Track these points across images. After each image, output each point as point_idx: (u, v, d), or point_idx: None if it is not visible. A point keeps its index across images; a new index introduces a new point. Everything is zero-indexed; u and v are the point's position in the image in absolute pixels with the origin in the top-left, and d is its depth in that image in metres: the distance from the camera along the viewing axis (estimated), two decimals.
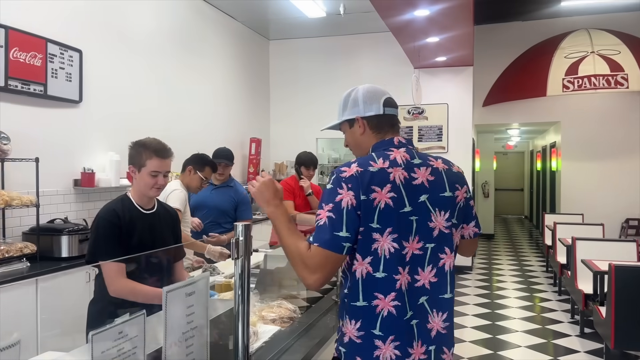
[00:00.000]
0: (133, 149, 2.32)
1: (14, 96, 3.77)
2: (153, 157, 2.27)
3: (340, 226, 1.45)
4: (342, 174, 1.51)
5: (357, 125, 1.68)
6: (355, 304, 1.50)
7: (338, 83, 8.05)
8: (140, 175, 2.28)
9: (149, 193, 2.32)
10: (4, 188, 3.57)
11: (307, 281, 1.48)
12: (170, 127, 5.58)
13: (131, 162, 2.32)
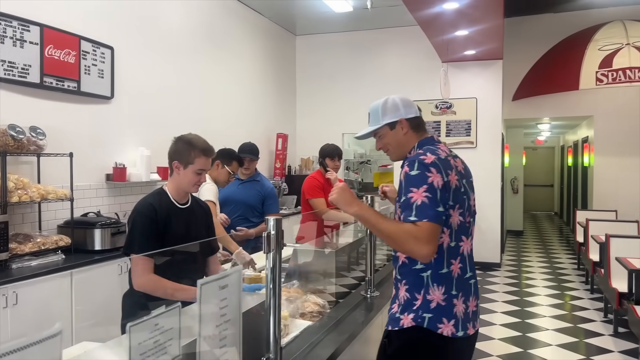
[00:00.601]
0: (178, 144, 2.34)
1: (49, 92, 3.87)
2: (201, 156, 2.30)
3: (437, 203, 1.70)
4: (425, 160, 1.75)
5: (400, 127, 1.92)
6: (442, 272, 1.78)
7: (364, 78, 8.02)
8: (185, 172, 2.32)
9: (191, 189, 2.37)
10: (40, 182, 3.67)
11: (421, 252, 1.69)
12: (198, 122, 5.64)
13: (176, 157, 2.34)
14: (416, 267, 1.79)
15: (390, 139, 1.95)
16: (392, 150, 1.98)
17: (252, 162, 4.08)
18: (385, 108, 1.93)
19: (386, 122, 1.92)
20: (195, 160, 2.29)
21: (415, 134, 1.95)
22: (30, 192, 3.36)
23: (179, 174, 2.32)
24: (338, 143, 8.21)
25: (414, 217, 1.68)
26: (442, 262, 1.77)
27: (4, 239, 3.11)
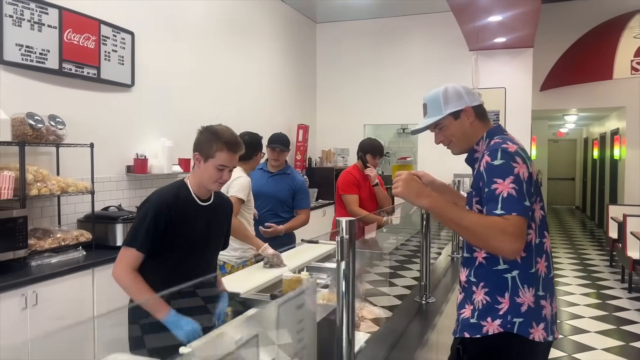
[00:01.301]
0: (203, 135, 2.13)
1: (68, 80, 3.66)
2: (224, 149, 2.08)
3: (524, 196, 1.54)
4: (509, 149, 1.59)
5: (465, 116, 1.76)
6: (531, 271, 1.62)
7: (387, 67, 7.74)
8: (205, 166, 2.11)
9: (211, 187, 2.15)
10: (59, 174, 3.48)
11: (510, 248, 1.51)
12: (219, 111, 5.42)
13: (197, 149, 2.13)
14: (498, 268, 1.63)
15: (455, 129, 1.78)
16: (456, 142, 1.81)
17: (282, 154, 3.83)
18: (446, 96, 1.77)
19: (450, 111, 1.76)
20: (216, 154, 2.07)
21: (481, 123, 1.80)
22: (50, 185, 3.16)
23: (200, 167, 2.12)
24: (359, 134, 7.99)
25: (500, 210, 1.53)
26: (530, 260, 1.63)
27: (23, 234, 2.92)
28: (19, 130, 3.07)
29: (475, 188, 1.68)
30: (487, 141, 1.73)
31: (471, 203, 1.71)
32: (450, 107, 1.75)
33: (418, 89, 7.54)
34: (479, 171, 1.64)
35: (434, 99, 1.79)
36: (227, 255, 3.29)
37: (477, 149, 1.78)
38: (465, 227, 1.59)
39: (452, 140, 1.81)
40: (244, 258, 3.34)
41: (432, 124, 1.79)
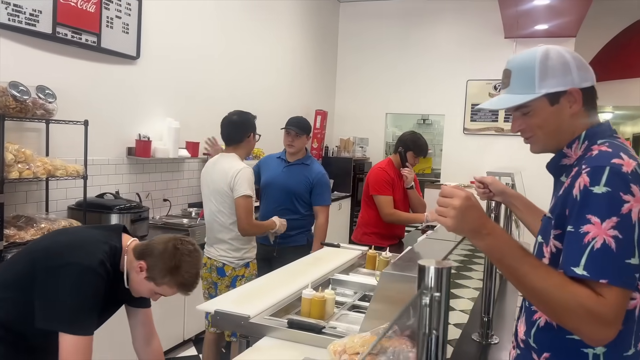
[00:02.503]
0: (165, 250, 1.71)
1: (63, 47, 3.20)
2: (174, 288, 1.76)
3: (632, 250, 1.02)
4: (623, 169, 1.06)
5: (567, 102, 1.21)
6: (626, 354, 1.11)
7: (413, 52, 7.20)
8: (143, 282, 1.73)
9: (137, 294, 1.83)
10: (48, 155, 3.04)
11: (600, 336, 1.03)
12: (231, 93, 4.96)
13: (149, 262, 1.71)
14: (574, 337, 1.11)
15: (547, 119, 1.22)
16: (541, 137, 1.26)
17: (298, 139, 3.35)
18: (546, 67, 1.19)
19: (546, 91, 1.19)
20: (162, 286, 1.71)
21: (587, 115, 1.24)
22: (33, 167, 2.72)
23: (138, 275, 1.71)
24: (380, 123, 7.51)
25: (582, 269, 1.02)
26: (628, 338, 1.10)
27: None
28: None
29: (557, 215, 1.15)
30: (585, 145, 1.21)
31: (547, 236, 1.18)
32: (548, 85, 1.19)
33: (445, 78, 7.04)
34: (568, 192, 1.12)
35: (525, 65, 1.22)
36: (227, 256, 2.88)
37: (567, 153, 1.25)
38: (530, 290, 1.07)
39: (536, 134, 1.26)
40: (247, 259, 2.94)
41: (515, 104, 1.24)
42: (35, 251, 1.66)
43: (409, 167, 3.52)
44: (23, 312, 1.58)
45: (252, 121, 3.03)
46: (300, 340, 1.75)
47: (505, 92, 1.26)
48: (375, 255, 2.76)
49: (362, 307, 2.18)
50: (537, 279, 1.04)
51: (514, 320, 2.09)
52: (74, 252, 1.60)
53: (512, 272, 1.08)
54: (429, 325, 0.70)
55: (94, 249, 1.64)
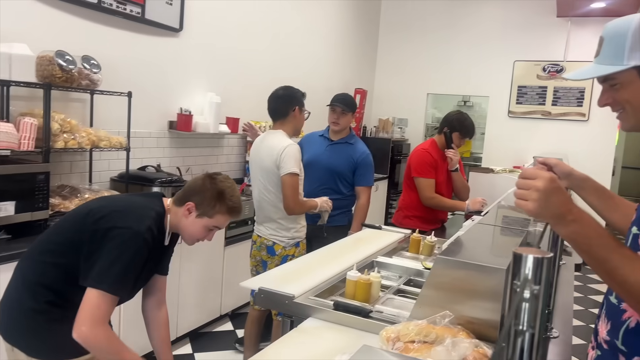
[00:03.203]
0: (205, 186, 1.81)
1: (108, 17, 3.18)
2: (225, 214, 1.81)
3: None
4: None
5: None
6: None
7: (458, 32, 6.94)
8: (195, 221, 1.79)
9: (187, 241, 1.88)
10: (92, 126, 3.04)
11: None
12: (272, 70, 4.88)
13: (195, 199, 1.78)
14: None
15: (636, 93, 1.10)
16: (630, 113, 1.14)
17: (344, 116, 3.25)
18: (638, 37, 1.07)
19: (637, 63, 1.07)
20: (215, 216, 1.79)
21: None
22: (78, 137, 2.72)
23: (187, 218, 1.79)
24: (421, 104, 7.31)
25: None
26: None
27: (44, 193, 2.50)
28: (45, 70, 2.62)
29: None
30: None
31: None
32: (639, 57, 1.07)
33: (490, 58, 6.77)
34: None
35: (617, 33, 1.11)
36: (277, 235, 2.82)
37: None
38: (622, 284, 0.96)
39: (625, 108, 1.14)
40: (297, 238, 2.86)
41: (602, 76, 1.13)
42: (83, 216, 1.66)
43: (454, 149, 3.37)
44: (72, 276, 1.61)
45: (298, 95, 2.93)
46: (347, 323, 1.68)
47: (594, 62, 1.14)
48: (419, 239, 2.66)
49: (408, 292, 2.10)
50: (631, 273, 0.93)
51: (571, 314, 1.98)
52: (123, 218, 1.63)
53: (601, 263, 0.97)
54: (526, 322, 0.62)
55: (142, 214, 1.68)
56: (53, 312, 1.62)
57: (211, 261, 3.57)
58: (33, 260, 1.67)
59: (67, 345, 1.58)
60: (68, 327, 1.55)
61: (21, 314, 1.63)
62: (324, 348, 1.51)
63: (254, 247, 2.94)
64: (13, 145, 2.38)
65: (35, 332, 1.61)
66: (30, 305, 1.61)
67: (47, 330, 1.62)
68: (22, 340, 1.62)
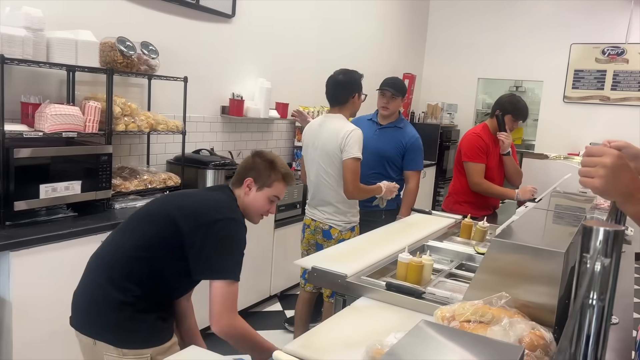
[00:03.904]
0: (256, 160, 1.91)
1: (165, 4, 3.28)
2: (281, 181, 1.90)
3: None
4: None
5: None
6: None
7: (509, 13, 6.72)
8: (257, 195, 1.88)
9: (254, 219, 1.94)
10: (150, 110, 3.16)
11: None
12: (321, 54, 4.90)
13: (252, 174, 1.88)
14: None
15: None
16: None
17: (393, 100, 3.22)
18: None
19: None
20: (273, 184, 1.88)
21: None
22: (138, 121, 2.83)
23: (248, 195, 1.87)
24: (471, 90, 7.15)
25: None
26: None
27: (107, 174, 2.63)
28: (108, 56, 2.74)
29: None
30: None
31: None
32: None
33: (545, 42, 6.51)
34: None
35: None
36: (333, 219, 2.84)
37: None
38: None
39: None
40: (353, 223, 2.88)
41: None
42: (172, 211, 1.71)
43: (506, 133, 3.29)
44: (157, 269, 1.67)
45: (359, 80, 2.91)
46: (399, 304, 1.70)
47: None
48: (471, 225, 2.63)
49: (460, 276, 2.10)
50: None
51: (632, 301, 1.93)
52: (219, 210, 1.72)
53: None
54: (596, 295, 0.62)
55: (231, 205, 1.80)
56: (140, 303, 1.66)
57: (261, 244, 3.65)
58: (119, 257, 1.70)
59: (153, 333, 1.68)
60: (154, 316, 1.66)
61: (109, 308, 1.66)
62: (377, 326, 1.53)
63: (307, 231, 2.95)
64: (79, 127, 2.51)
65: (123, 324, 1.66)
66: (120, 299, 1.64)
67: (135, 321, 1.66)
68: (108, 333, 1.66)
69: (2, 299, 2.12)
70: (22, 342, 2.15)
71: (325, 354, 1.39)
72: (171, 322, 1.82)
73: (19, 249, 2.11)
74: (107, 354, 1.65)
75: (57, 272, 2.24)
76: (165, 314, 1.76)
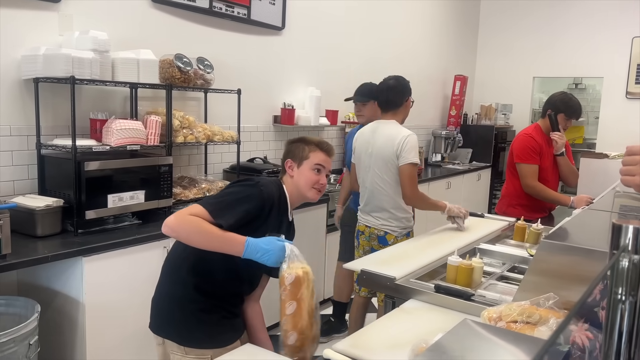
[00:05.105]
0: (290, 144, 1.97)
1: (218, 20, 3.44)
2: (317, 149, 1.90)
3: None
4: None
5: None
6: None
7: (565, 7, 6.51)
8: (300, 171, 1.88)
9: (309, 194, 1.91)
10: (207, 121, 3.32)
11: None
12: (369, 61, 4.95)
13: (288, 155, 1.93)
14: None
15: None
16: None
17: (364, 107, 3.26)
18: None
19: None
20: (310, 154, 1.89)
21: None
22: (195, 132, 2.99)
23: (293, 176, 1.90)
24: (527, 88, 6.97)
25: None
26: None
27: (168, 183, 2.79)
28: (167, 72, 2.91)
29: None
30: None
31: None
32: None
33: (604, 36, 6.26)
34: None
35: None
36: (389, 225, 2.84)
37: None
38: None
39: None
40: (408, 228, 2.86)
41: None
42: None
43: (560, 132, 3.20)
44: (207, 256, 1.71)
45: (409, 85, 2.91)
46: (447, 305, 1.72)
47: None
48: (525, 227, 2.60)
49: (511, 279, 2.08)
50: None
51: None
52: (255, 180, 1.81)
53: None
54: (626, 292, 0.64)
55: (269, 183, 1.82)
56: (201, 299, 1.75)
57: (314, 248, 3.73)
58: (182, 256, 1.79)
59: (216, 333, 1.77)
60: (217, 316, 1.76)
61: (174, 305, 1.77)
62: (426, 327, 1.56)
63: (361, 238, 2.95)
64: (142, 140, 2.68)
65: (187, 322, 1.75)
66: (181, 294, 1.75)
67: (198, 319, 1.75)
68: (173, 331, 1.75)
69: (76, 301, 2.30)
70: (95, 341, 2.33)
71: (373, 353, 1.44)
72: (238, 326, 1.87)
73: (91, 254, 2.28)
74: (173, 352, 1.75)
75: (124, 276, 2.41)
76: (230, 315, 1.83)
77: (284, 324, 1.63)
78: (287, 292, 1.61)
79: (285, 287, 1.62)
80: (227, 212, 1.66)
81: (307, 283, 1.64)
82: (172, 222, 1.62)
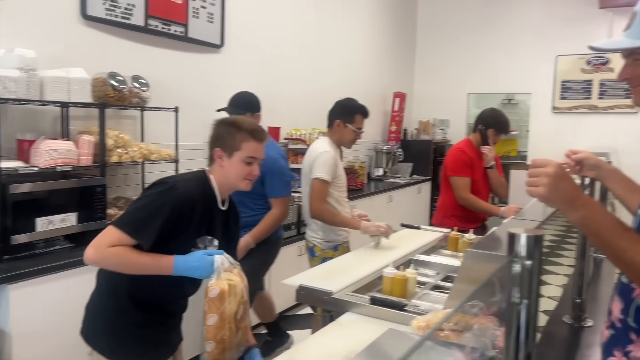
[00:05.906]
0: (220, 128, 1.81)
1: (154, 38, 3.40)
2: (249, 139, 1.77)
3: None
4: None
5: None
6: None
7: (496, 26, 6.88)
8: (231, 162, 1.77)
9: (240, 185, 1.80)
10: (144, 140, 3.25)
11: None
12: (311, 79, 5.02)
13: (217, 144, 1.80)
14: None
15: None
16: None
17: None
18: None
19: None
20: (242, 145, 1.77)
21: None
22: (131, 152, 2.93)
23: (223, 166, 1.79)
24: (462, 104, 7.27)
25: None
26: None
27: (102, 204, 2.71)
28: (100, 91, 2.85)
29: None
30: None
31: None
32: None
33: (531, 54, 6.65)
34: None
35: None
36: (315, 237, 2.91)
37: None
38: (629, 265, 1.00)
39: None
40: (335, 242, 2.92)
41: (627, 49, 1.11)
42: None
43: (489, 146, 3.37)
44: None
45: (346, 109, 2.90)
46: (383, 317, 1.76)
47: (624, 35, 1.13)
48: (458, 237, 2.70)
49: (445, 288, 2.16)
50: (637, 254, 0.97)
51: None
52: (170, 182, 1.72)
53: (609, 246, 1.02)
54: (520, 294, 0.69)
55: (185, 182, 1.73)
56: (138, 315, 1.71)
57: None
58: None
59: (148, 346, 1.73)
60: (150, 331, 1.72)
61: (102, 313, 1.74)
62: (360, 339, 1.59)
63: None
64: (73, 161, 2.60)
65: (116, 333, 1.71)
66: (110, 303, 1.72)
67: (129, 331, 1.71)
68: (102, 341, 1.72)
69: (1, 331, 2.18)
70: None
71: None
72: (172, 341, 1.85)
73: (17, 281, 2.18)
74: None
75: (55, 303, 2.31)
76: (165, 329, 1.80)
77: (205, 332, 1.62)
78: (210, 304, 1.60)
79: (208, 299, 1.61)
80: (144, 229, 1.61)
81: (234, 295, 1.63)
82: (93, 257, 1.59)
